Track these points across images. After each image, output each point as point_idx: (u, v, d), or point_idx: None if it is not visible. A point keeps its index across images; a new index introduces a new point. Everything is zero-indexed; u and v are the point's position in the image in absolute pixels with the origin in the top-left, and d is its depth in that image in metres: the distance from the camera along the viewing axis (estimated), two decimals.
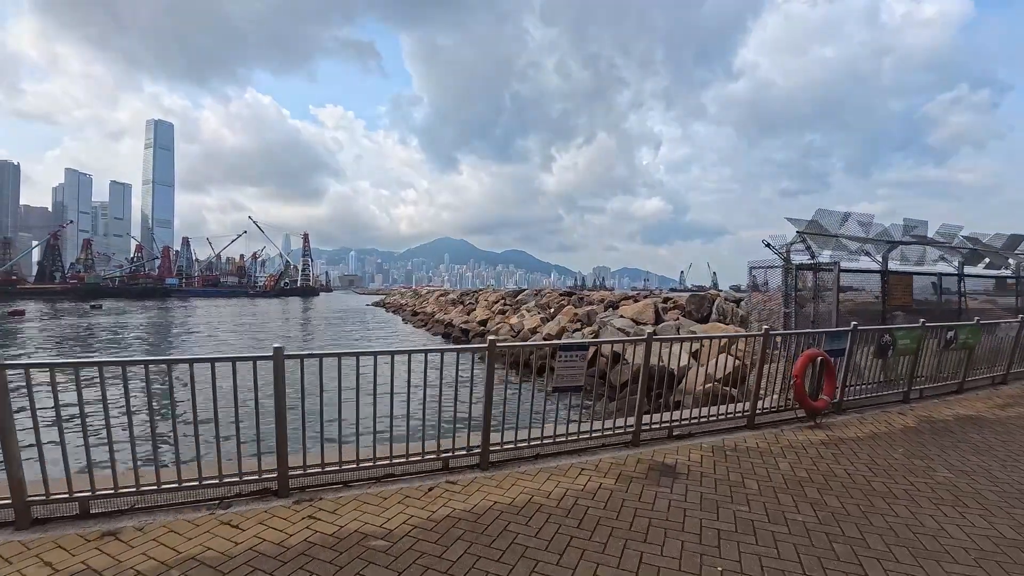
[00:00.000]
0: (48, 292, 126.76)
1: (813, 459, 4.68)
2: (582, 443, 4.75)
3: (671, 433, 5.21)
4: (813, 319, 6.89)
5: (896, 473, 4.39)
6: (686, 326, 19.83)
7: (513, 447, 4.42)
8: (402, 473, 4.07)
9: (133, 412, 3.37)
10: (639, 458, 4.59)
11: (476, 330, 33.54)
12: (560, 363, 4.37)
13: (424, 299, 68.65)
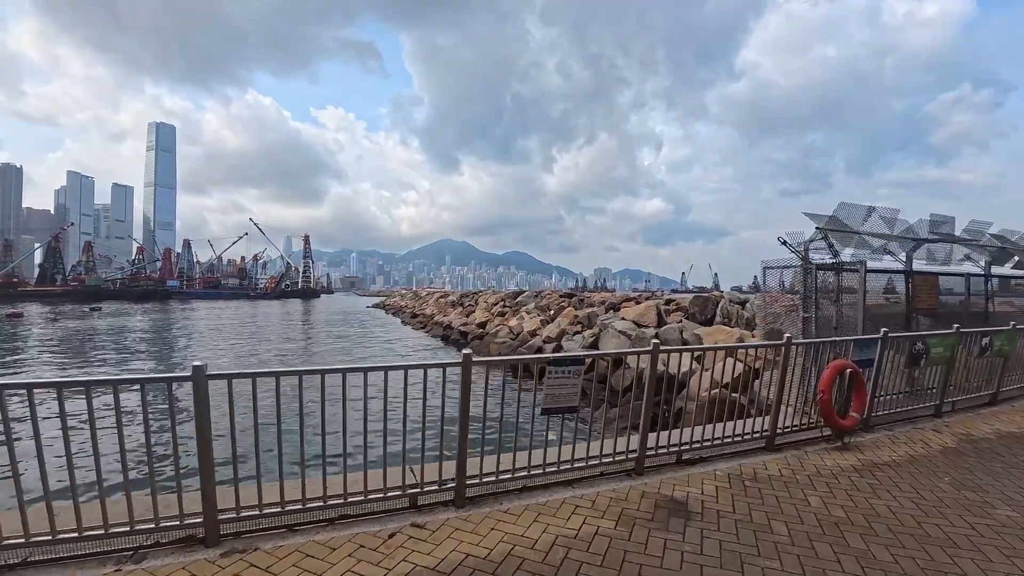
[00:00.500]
0: (49, 294, 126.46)
1: (848, 492, 3.98)
2: (577, 472, 4.07)
3: (680, 458, 4.52)
4: (836, 325, 6.22)
5: (949, 511, 3.70)
6: (689, 329, 19.14)
7: (494, 479, 3.74)
8: (359, 514, 3.39)
9: (15, 440, 2.71)
10: (643, 491, 3.90)
11: (475, 332, 32.88)
12: (551, 380, 3.69)
13: (424, 301, 68.01)
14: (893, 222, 7.20)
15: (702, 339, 17.69)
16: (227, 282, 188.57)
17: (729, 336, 16.45)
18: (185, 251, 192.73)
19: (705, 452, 4.65)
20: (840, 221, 6.67)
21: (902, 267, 7.54)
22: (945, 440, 5.46)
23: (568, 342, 22.44)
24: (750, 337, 16.11)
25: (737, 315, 19.80)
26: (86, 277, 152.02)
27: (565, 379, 3.71)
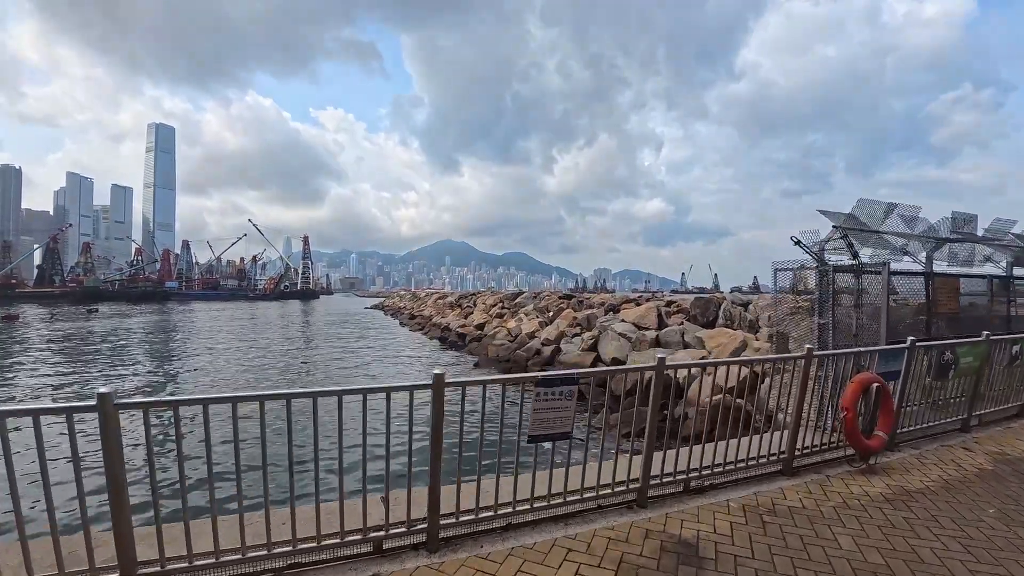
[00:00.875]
0: (47, 296, 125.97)
1: (882, 528, 3.46)
2: (570, 506, 3.54)
3: (687, 486, 4.00)
4: (856, 332, 5.70)
5: (1002, 554, 3.18)
6: (691, 331, 18.62)
7: (473, 517, 3.22)
8: (312, 563, 2.87)
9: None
10: (647, 529, 3.38)
11: (473, 334, 32.37)
12: (539, 403, 3.16)
13: (422, 302, 67.48)
14: (914, 221, 6.69)
15: (704, 342, 17.18)
16: (226, 283, 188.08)
17: (732, 339, 15.93)
18: (184, 252, 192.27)
19: (716, 479, 4.13)
20: (857, 220, 6.17)
21: (921, 268, 7.04)
22: (979, 460, 4.94)
23: (567, 344, 21.93)
24: (754, 340, 15.59)
25: (740, 317, 19.27)
26: (84, 278, 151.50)
27: (556, 401, 3.18)
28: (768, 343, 14.68)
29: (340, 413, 2.75)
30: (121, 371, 19.53)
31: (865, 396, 4.56)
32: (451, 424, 3.17)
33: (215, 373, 19.47)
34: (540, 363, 20.86)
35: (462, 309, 44.70)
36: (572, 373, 3.22)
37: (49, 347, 27.04)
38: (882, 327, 5.48)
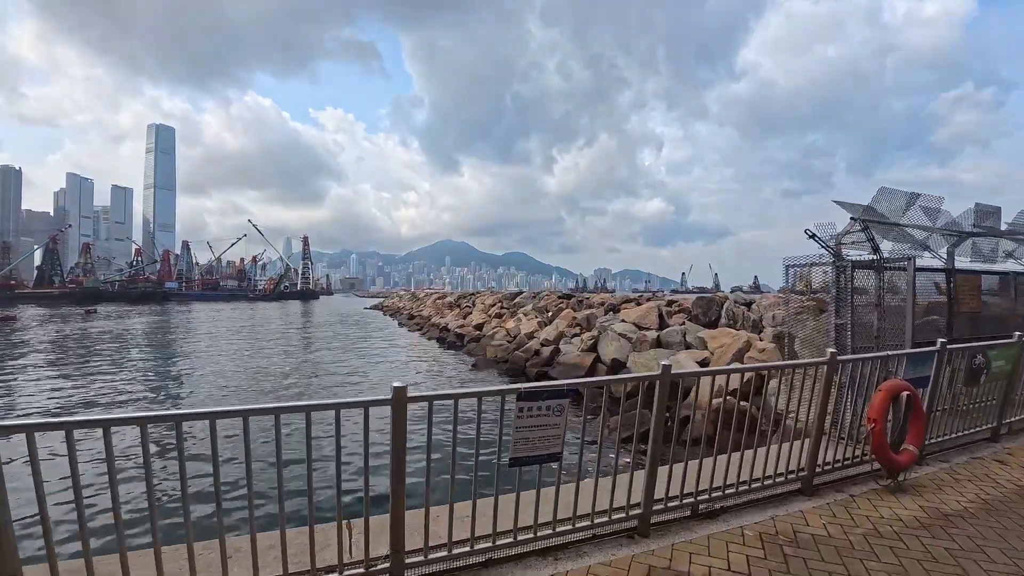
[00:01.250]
0: (46, 296, 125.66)
1: (923, 563, 2.98)
2: (561, 536, 3.06)
3: (695, 511, 3.52)
4: (877, 333, 5.22)
5: None
6: (693, 331, 18.13)
7: (446, 553, 2.74)
8: None
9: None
10: (651, 564, 2.90)
11: (472, 334, 31.90)
12: (522, 421, 2.68)
13: (421, 302, 67.03)
14: (936, 213, 6.21)
15: (706, 342, 16.70)
16: (226, 284, 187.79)
17: (735, 339, 15.43)
18: (184, 253, 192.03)
19: (727, 500, 3.65)
20: (876, 212, 5.69)
21: (941, 264, 6.56)
22: (1015, 475, 4.46)
23: (566, 345, 21.45)
24: (757, 340, 15.10)
25: (743, 317, 18.79)
26: (84, 279, 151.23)
27: (542, 417, 2.71)
28: (773, 343, 14.21)
29: (278, 433, 2.27)
30: (107, 378, 19.09)
31: (894, 406, 4.08)
32: (420, 442, 2.70)
33: (201, 379, 19.02)
34: (539, 364, 20.39)
35: (461, 309, 44.25)
36: (562, 385, 2.74)
37: (39, 351, 26.62)
38: (908, 328, 5.00)
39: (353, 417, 2.47)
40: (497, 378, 19.91)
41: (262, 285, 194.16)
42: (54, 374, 18.59)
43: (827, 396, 3.84)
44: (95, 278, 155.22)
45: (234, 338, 35.28)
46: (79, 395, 14.66)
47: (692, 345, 17.64)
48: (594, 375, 18.24)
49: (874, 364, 4.18)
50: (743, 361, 14.41)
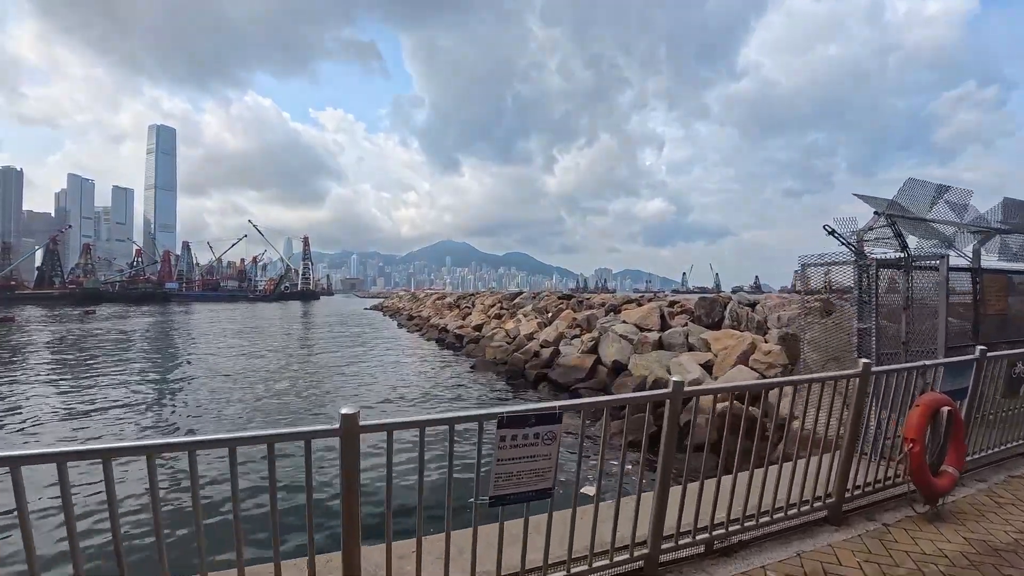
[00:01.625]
0: (46, 297, 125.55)
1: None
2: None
3: (711, 548, 3.07)
4: (905, 339, 4.75)
5: None
6: (696, 333, 17.66)
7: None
8: None
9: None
10: None
11: (471, 335, 31.47)
12: (505, 451, 2.22)
13: (421, 303, 66.61)
14: (963, 208, 5.75)
15: (709, 343, 16.23)
16: (226, 284, 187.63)
17: (739, 341, 14.95)
18: (184, 253, 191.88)
19: (746, 532, 3.19)
20: (899, 206, 5.23)
21: (967, 263, 6.09)
22: None
23: (566, 346, 20.99)
24: (762, 342, 14.64)
25: (747, 318, 18.32)
26: (84, 280, 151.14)
27: (531, 448, 2.25)
28: (779, 345, 13.75)
29: (193, 470, 1.81)
30: (98, 384, 18.67)
31: (932, 422, 3.62)
32: (393, 469, 2.24)
33: (192, 386, 18.60)
34: (538, 365, 19.94)
35: (460, 310, 43.80)
36: (554, 408, 2.28)
37: (34, 354, 26.24)
38: (940, 334, 4.53)
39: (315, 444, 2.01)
40: (496, 380, 19.47)
41: (262, 286, 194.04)
42: (44, 380, 18.18)
43: (860, 412, 3.39)
44: (95, 279, 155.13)
45: (232, 340, 34.87)
46: (68, 404, 14.24)
47: (695, 347, 17.19)
48: (594, 377, 17.79)
49: (909, 375, 3.72)
50: (748, 364, 13.94)
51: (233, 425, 12.17)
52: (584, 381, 17.45)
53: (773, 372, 13.23)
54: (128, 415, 13.02)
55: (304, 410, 13.90)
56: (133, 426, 11.98)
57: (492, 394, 16.74)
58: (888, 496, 3.82)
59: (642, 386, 14.92)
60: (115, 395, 15.32)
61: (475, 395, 16.34)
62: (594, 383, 17.22)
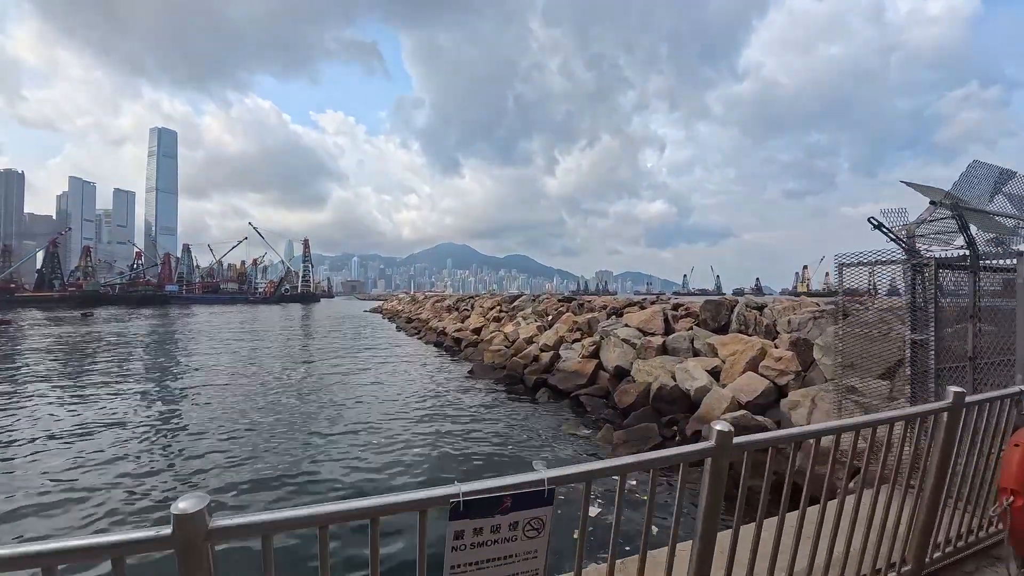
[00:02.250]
0: (46, 300, 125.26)
1: None
2: None
3: None
4: (972, 354, 3.95)
5: None
6: (702, 338, 16.86)
7: None
8: None
9: None
10: None
11: (469, 339, 30.72)
12: (466, 553, 1.44)
13: (420, 305, 65.88)
14: (1021, 200, 4.97)
15: (716, 349, 15.44)
16: (226, 287, 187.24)
17: (748, 347, 14.14)
18: (185, 256, 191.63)
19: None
20: (954, 197, 4.45)
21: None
22: None
23: (566, 351, 20.21)
24: (772, 348, 13.83)
25: (755, 322, 17.52)
26: (84, 282, 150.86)
27: (505, 545, 1.47)
28: (790, 351, 12.95)
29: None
30: (83, 396, 17.93)
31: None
32: None
33: (177, 397, 17.86)
34: (538, 370, 19.18)
35: (459, 312, 43.05)
36: (542, 480, 1.48)
37: (28, 358, 25.53)
38: (1020, 348, 3.73)
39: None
40: (494, 386, 18.70)
41: (262, 288, 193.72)
42: (30, 389, 17.43)
43: (947, 456, 2.60)
44: (95, 281, 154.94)
45: (230, 341, 34.14)
46: (51, 417, 13.48)
47: (700, 352, 16.40)
48: (596, 383, 16.99)
49: (1002, 404, 2.93)
50: (758, 370, 13.12)
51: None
52: (585, 387, 16.68)
53: (785, 379, 12.42)
54: (107, 435, 12.26)
55: (273, 434, 13.10)
56: (114, 456, 11.24)
57: (488, 404, 15.95)
58: (968, 553, 3.03)
59: (646, 393, 14.12)
60: (99, 408, 14.57)
61: (468, 405, 15.55)
62: (595, 389, 16.43)
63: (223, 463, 9.61)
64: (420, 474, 9.14)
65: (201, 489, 8.24)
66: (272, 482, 8.65)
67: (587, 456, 10.67)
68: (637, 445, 11.06)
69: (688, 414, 12.78)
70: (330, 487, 8.54)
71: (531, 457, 10.40)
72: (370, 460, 9.84)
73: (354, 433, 11.85)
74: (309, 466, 9.42)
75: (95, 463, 9.46)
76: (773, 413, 11.54)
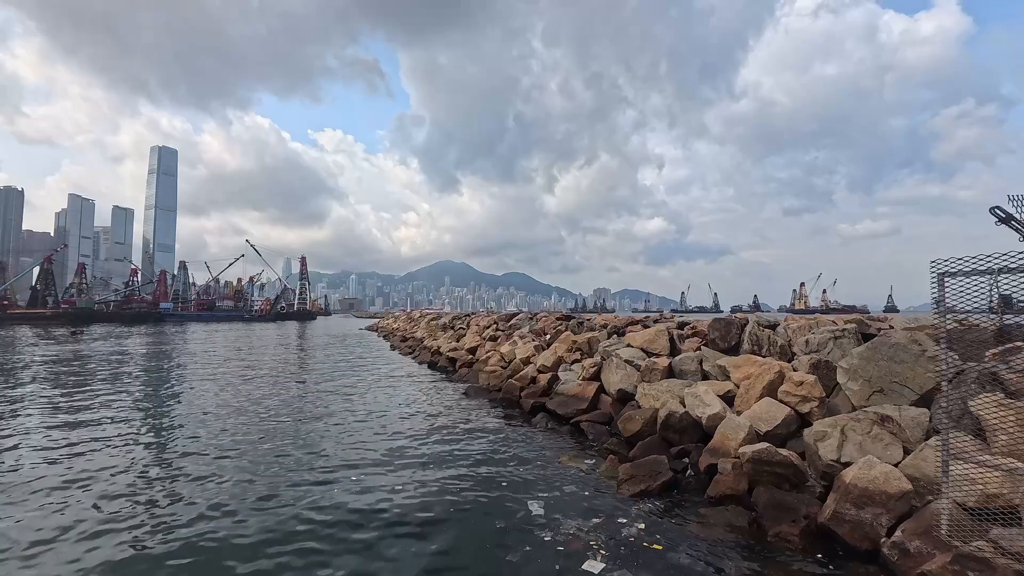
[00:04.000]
0: (38, 317, 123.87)
1: None
2: None
3: None
4: None
5: None
6: (711, 359, 15.75)
7: None
8: None
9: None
10: None
11: (464, 359, 29.49)
12: None
13: (416, 323, 64.62)
14: None
15: (728, 371, 14.27)
16: (222, 304, 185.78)
17: (765, 370, 12.96)
18: (181, 273, 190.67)
19: None
20: None
21: None
22: None
23: (565, 372, 19.03)
24: (790, 370, 12.67)
25: (768, 341, 16.39)
26: (77, 299, 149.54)
27: None
28: (812, 375, 11.77)
29: None
30: (56, 419, 16.72)
31: None
32: None
33: (157, 424, 16.65)
34: (535, 394, 17.98)
35: (455, 331, 41.84)
36: None
37: (6, 377, 24.25)
38: None
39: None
40: (489, 410, 17.49)
41: (258, 306, 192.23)
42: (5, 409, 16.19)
43: None
44: (88, 299, 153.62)
45: (218, 362, 32.83)
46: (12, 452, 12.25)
47: (711, 375, 15.27)
48: (598, 408, 15.78)
49: None
50: (777, 396, 11.92)
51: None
52: (586, 413, 15.47)
53: (808, 406, 11.24)
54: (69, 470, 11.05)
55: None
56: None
57: (482, 431, 14.71)
58: None
59: (653, 421, 12.89)
60: (64, 438, 13.35)
61: (461, 433, 14.31)
62: (597, 415, 15.22)
63: (194, 503, 8.43)
64: (407, 523, 7.93)
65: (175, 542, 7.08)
66: (236, 539, 7.46)
67: (591, 494, 9.44)
68: (646, 481, 9.83)
69: (700, 444, 11.57)
70: (303, 538, 7.34)
71: (529, 495, 9.19)
72: (348, 504, 8.66)
73: (331, 471, 10.65)
74: (279, 518, 8.22)
75: (54, 508, 8.27)
76: (795, 444, 10.34)
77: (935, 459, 6.18)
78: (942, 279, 3.41)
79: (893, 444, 8.58)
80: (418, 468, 10.75)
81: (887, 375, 10.40)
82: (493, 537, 7.38)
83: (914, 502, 6.78)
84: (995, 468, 4.74)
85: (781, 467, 8.84)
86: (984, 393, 6.32)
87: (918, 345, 10.15)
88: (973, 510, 5.13)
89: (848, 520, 7.05)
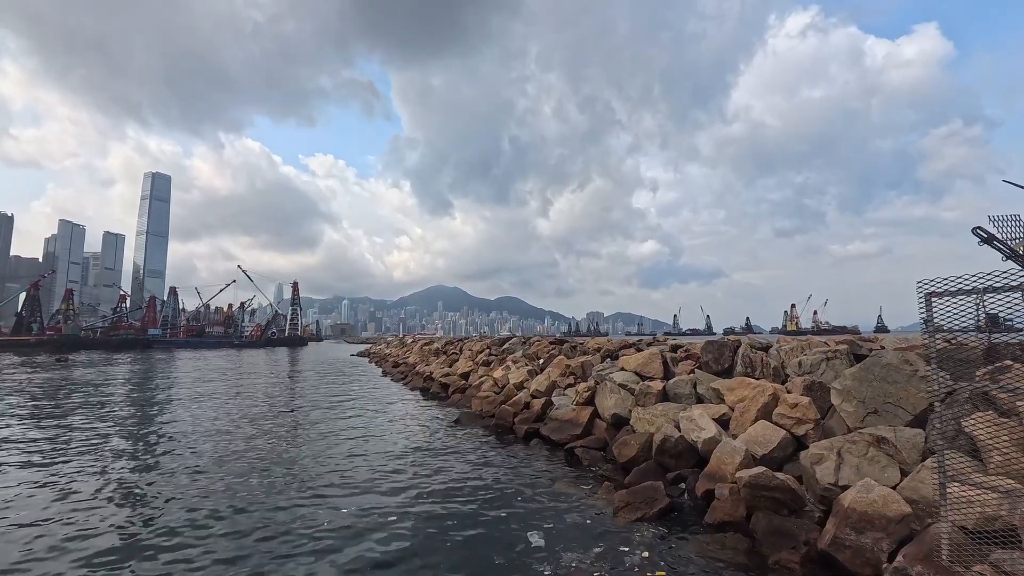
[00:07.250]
0: (23, 344, 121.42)
1: None
2: None
3: None
4: None
5: None
6: (705, 382, 15.67)
7: None
8: None
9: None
10: None
11: (457, 385, 29.17)
12: None
13: (408, 349, 64.06)
14: None
15: (722, 394, 14.20)
16: (212, 330, 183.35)
17: (759, 392, 12.92)
18: (171, 299, 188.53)
19: None
20: None
21: None
22: None
23: (559, 397, 18.85)
24: (784, 392, 12.64)
25: (761, 363, 16.39)
26: (63, 326, 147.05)
27: None
28: (806, 396, 11.73)
29: None
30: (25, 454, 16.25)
31: None
32: None
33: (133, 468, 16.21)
34: (529, 419, 17.73)
35: (447, 356, 41.49)
36: None
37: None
38: None
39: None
40: (482, 436, 17.20)
41: (248, 332, 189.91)
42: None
43: None
44: (75, 325, 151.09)
45: (203, 393, 32.17)
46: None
47: (705, 398, 15.18)
48: (592, 433, 15.59)
49: None
50: (772, 419, 11.85)
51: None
52: (580, 438, 15.26)
53: (803, 429, 11.17)
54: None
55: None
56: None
57: (475, 458, 14.43)
58: None
59: (648, 446, 12.74)
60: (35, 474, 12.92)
61: (453, 460, 14.03)
62: (592, 441, 15.02)
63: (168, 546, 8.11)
64: (401, 560, 7.67)
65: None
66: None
67: (590, 523, 9.23)
68: (643, 508, 9.64)
69: (696, 469, 11.42)
70: (294, 572, 7.08)
71: (527, 525, 8.96)
72: (336, 540, 8.37)
73: (321, 497, 10.36)
74: (273, 556, 7.94)
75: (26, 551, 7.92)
76: (792, 467, 10.23)
77: (932, 480, 6.13)
78: (929, 299, 3.45)
79: (890, 466, 8.49)
80: (411, 500, 10.45)
81: (881, 396, 10.37)
82: (496, 573, 7.18)
83: (914, 525, 6.67)
84: (992, 489, 4.70)
85: (779, 492, 8.72)
86: (977, 412, 6.34)
87: (910, 365, 10.15)
88: (973, 532, 5.07)
89: (848, 546, 6.93)
